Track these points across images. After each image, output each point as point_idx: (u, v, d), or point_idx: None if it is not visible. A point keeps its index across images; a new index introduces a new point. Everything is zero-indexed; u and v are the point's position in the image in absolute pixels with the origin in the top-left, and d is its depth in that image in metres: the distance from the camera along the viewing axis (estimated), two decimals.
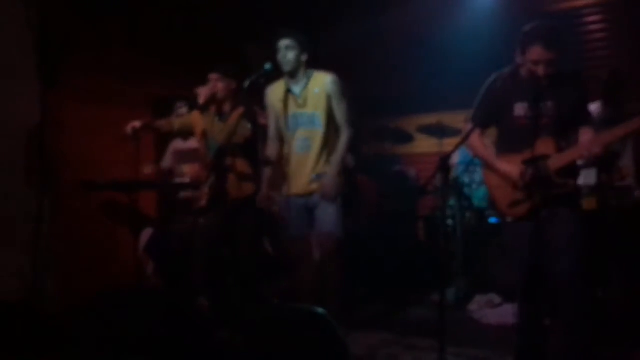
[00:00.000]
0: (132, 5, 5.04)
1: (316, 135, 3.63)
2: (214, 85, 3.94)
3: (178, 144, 5.10)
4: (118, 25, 5.13)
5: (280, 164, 3.84)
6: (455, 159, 5.55)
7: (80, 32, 4.84)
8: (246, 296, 3.94)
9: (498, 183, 3.04)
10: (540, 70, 2.81)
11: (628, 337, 3.45)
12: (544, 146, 2.88)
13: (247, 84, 3.49)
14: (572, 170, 2.86)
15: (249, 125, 3.86)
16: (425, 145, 5.99)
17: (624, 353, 3.33)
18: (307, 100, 3.63)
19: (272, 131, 3.84)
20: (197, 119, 4.11)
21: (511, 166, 2.97)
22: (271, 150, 3.84)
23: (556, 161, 2.84)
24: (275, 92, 3.76)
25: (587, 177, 4.02)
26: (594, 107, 4.04)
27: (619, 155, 4.28)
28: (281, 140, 3.81)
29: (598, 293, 3.85)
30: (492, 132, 3.21)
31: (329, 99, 3.60)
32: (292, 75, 3.62)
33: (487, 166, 3.14)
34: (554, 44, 2.78)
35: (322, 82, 3.60)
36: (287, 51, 3.55)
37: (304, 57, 3.61)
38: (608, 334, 3.48)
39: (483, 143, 3.18)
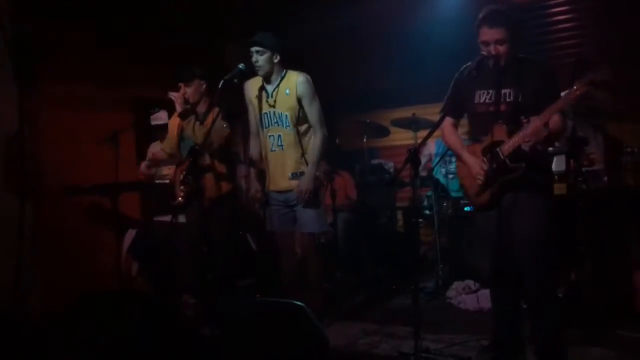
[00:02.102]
0: (111, 8, 5.05)
1: (286, 134, 3.71)
2: (183, 91, 4.01)
3: (156, 148, 5.12)
4: (97, 28, 5.12)
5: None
6: (432, 150, 5.67)
7: (57, 36, 4.85)
8: (226, 292, 4.01)
9: (466, 173, 3.15)
10: (492, 49, 2.89)
11: (600, 318, 3.57)
12: (499, 132, 2.96)
13: (220, 83, 3.56)
14: (523, 155, 2.90)
15: (225, 125, 3.93)
16: (401, 137, 6.09)
17: (595, 333, 3.45)
18: (278, 100, 3.70)
19: (252, 127, 3.91)
20: (172, 123, 4.18)
21: (472, 159, 3.07)
22: (253, 146, 3.92)
23: (507, 146, 2.92)
24: (252, 88, 3.83)
25: (557, 164, 4.13)
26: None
27: (587, 141, 4.40)
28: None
29: (571, 276, 3.97)
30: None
31: (299, 100, 3.67)
32: (266, 77, 3.70)
33: (456, 156, 3.25)
34: (497, 21, 2.87)
35: (293, 83, 3.67)
36: (258, 55, 3.63)
37: (276, 59, 3.67)
38: (580, 314, 3.60)
39: (454, 133, 3.26)
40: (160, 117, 4.73)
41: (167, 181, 4.58)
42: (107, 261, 4.56)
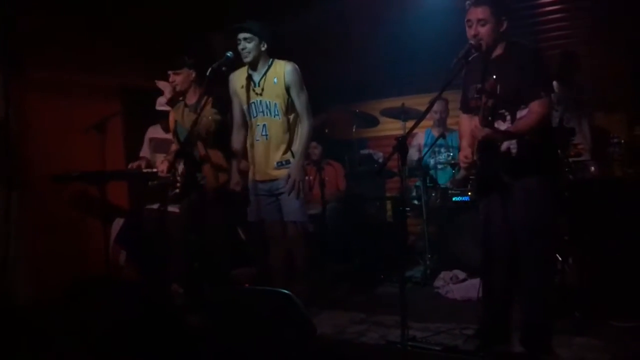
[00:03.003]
0: None
1: (274, 123, 3.70)
2: (172, 79, 4.00)
3: (155, 132, 5.09)
4: (84, 15, 5.07)
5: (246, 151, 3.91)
6: (421, 140, 5.68)
7: (44, 22, 4.79)
8: (216, 281, 4.02)
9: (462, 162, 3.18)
10: (472, 30, 2.89)
11: (585, 307, 3.60)
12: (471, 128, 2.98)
13: (209, 71, 3.54)
14: (489, 151, 2.90)
15: (215, 112, 3.91)
16: (390, 128, 6.10)
17: (581, 322, 3.48)
18: (265, 89, 3.69)
19: (236, 118, 3.90)
20: (171, 117, 4.21)
21: (465, 148, 3.09)
22: (237, 138, 3.90)
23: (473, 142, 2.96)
24: (237, 79, 3.81)
25: None
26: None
27: (575, 132, 4.43)
28: (246, 127, 3.88)
29: (557, 265, 4.01)
30: None
31: (287, 88, 3.66)
32: (253, 65, 3.69)
33: None
34: (481, 0, 2.87)
35: (281, 72, 3.66)
36: (246, 42, 3.62)
37: (264, 47, 3.66)
38: (566, 304, 3.63)
39: (465, 123, 3.23)
40: (163, 103, 4.67)
41: (154, 170, 4.54)
42: (95, 250, 4.54)
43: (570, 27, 5.64)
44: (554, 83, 4.31)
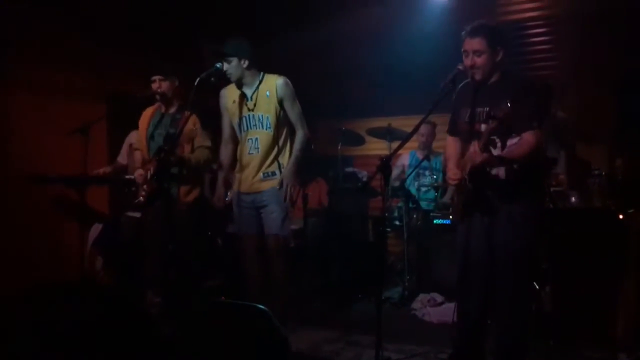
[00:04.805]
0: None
1: (265, 136, 3.70)
2: (158, 85, 4.00)
3: (135, 138, 5.02)
4: (72, 16, 5.05)
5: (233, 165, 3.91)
6: (405, 161, 5.71)
7: (31, 21, 4.77)
8: (191, 292, 3.98)
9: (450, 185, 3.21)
10: (468, 60, 2.93)
11: (558, 335, 3.62)
12: (469, 151, 3.00)
13: (197, 81, 3.53)
14: (481, 176, 2.94)
15: (212, 154, 3.96)
16: (375, 147, 6.13)
17: (553, 349, 3.49)
18: (258, 103, 3.70)
19: (225, 133, 3.90)
20: (142, 119, 4.17)
21: (452, 170, 3.12)
22: (224, 152, 3.90)
23: (466, 167, 2.98)
24: (229, 95, 3.82)
25: None
26: None
27: (557, 161, 4.48)
28: (234, 142, 3.88)
29: (534, 292, 4.02)
30: None
31: (280, 101, 3.68)
32: (239, 82, 3.70)
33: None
34: (478, 32, 2.92)
35: (272, 85, 3.68)
36: (226, 64, 3.64)
37: (244, 64, 3.66)
38: (540, 331, 3.65)
39: (453, 145, 3.28)
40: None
41: (133, 177, 4.50)
42: (71, 253, 4.46)
43: (557, 59, 5.74)
44: None
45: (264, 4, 5.35)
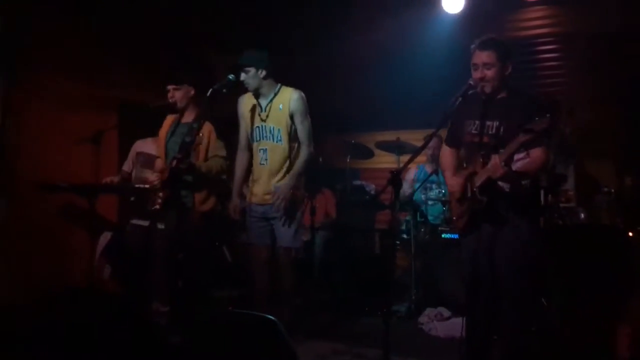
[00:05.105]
0: (101, 7, 5.05)
1: (276, 148, 3.72)
2: (171, 94, 4.04)
3: (144, 147, 4.92)
4: (86, 27, 5.12)
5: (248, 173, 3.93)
6: (414, 175, 5.72)
7: (46, 32, 4.83)
8: (200, 302, 3.99)
9: (450, 195, 3.21)
10: (478, 73, 2.96)
11: (568, 347, 3.60)
12: (478, 164, 3.02)
13: (209, 92, 3.57)
14: (492, 189, 2.95)
15: (227, 162, 3.98)
16: (384, 160, 6.15)
17: None
18: (270, 115, 3.73)
19: (242, 141, 3.92)
20: (163, 126, 4.21)
21: (453, 180, 3.13)
22: (240, 160, 3.92)
23: (477, 178, 2.98)
24: (246, 103, 3.85)
25: None
26: None
27: (566, 177, 4.49)
28: (250, 150, 3.90)
29: (543, 304, 4.01)
30: None
31: (291, 115, 3.70)
32: (257, 92, 3.72)
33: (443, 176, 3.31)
34: (487, 45, 2.95)
35: (287, 99, 3.70)
36: (244, 74, 3.67)
37: (262, 74, 3.69)
38: (548, 350, 3.63)
39: (449, 156, 3.33)
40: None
41: (147, 186, 4.53)
42: (79, 262, 4.50)
43: (566, 76, 5.76)
44: None
45: (276, 19, 5.41)
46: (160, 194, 3.83)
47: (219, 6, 5.25)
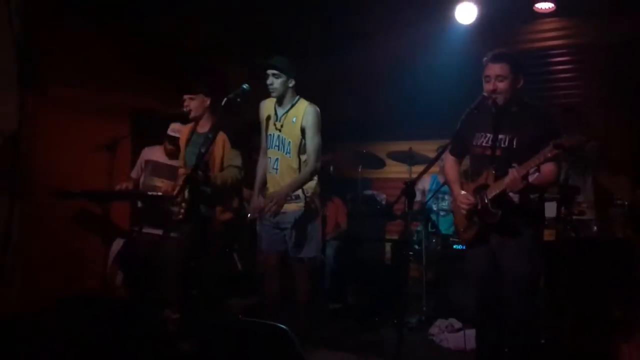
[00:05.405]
0: (116, 17, 5.10)
1: (285, 160, 3.72)
2: (187, 104, 4.06)
3: (152, 155, 5.01)
4: (101, 36, 5.18)
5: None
6: (426, 185, 5.71)
7: (63, 41, 4.89)
8: (211, 310, 3.99)
9: (457, 207, 3.21)
10: (490, 85, 2.96)
11: None
12: (489, 176, 3.02)
13: (224, 101, 3.59)
14: (504, 201, 2.95)
15: (242, 173, 4.00)
16: (395, 170, 6.15)
17: None
18: (284, 126, 3.73)
19: (262, 145, 3.93)
20: (183, 133, 4.25)
21: (461, 194, 3.12)
22: (261, 163, 3.94)
23: (489, 191, 2.98)
24: (266, 108, 3.86)
25: (547, 210, 4.18)
26: None
27: (579, 189, 4.46)
28: None
29: (551, 318, 3.99)
30: None
31: (302, 129, 3.68)
32: (279, 100, 3.74)
33: (449, 189, 3.30)
34: (500, 58, 2.97)
35: (301, 112, 3.69)
36: (274, 78, 3.65)
37: (291, 84, 3.70)
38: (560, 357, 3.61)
39: (454, 167, 3.33)
40: (176, 130, 4.67)
41: (160, 194, 4.56)
42: (92, 268, 4.53)
43: (580, 87, 5.74)
44: None
45: (290, 28, 5.44)
46: (183, 204, 3.86)
47: (235, 15, 5.28)
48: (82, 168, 4.81)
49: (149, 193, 4.70)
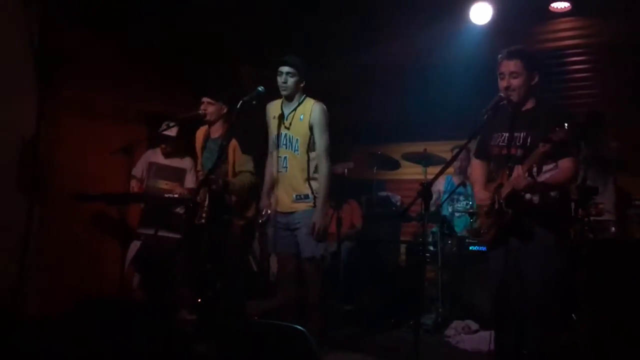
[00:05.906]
0: (133, 22, 5.15)
1: (294, 158, 3.74)
2: (204, 107, 4.10)
3: (155, 157, 5.02)
4: (117, 41, 5.22)
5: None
6: (441, 186, 5.69)
7: (80, 46, 4.94)
8: (228, 311, 4.01)
9: (480, 208, 3.19)
10: (504, 82, 2.95)
11: None
12: (504, 176, 3.00)
13: (239, 104, 3.61)
14: (520, 201, 2.92)
15: (254, 178, 4.03)
16: (410, 172, 6.13)
17: None
18: (292, 124, 3.75)
19: (271, 145, 3.96)
20: (198, 136, 4.28)
21: (482, 193, 3.11)
22: (270, 163, 3.95)
23: (503, 190, 2.96)
24: (272, 110, 3.88)
25: None
26: None
27: (597, 190, 4.41)
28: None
29: (570, 320, 3.95)
30: None
31: (310, 127, 3.70)
32: (288, 98, 3.76)
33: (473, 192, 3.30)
34: (514, 54, 2.95)
35: (308, 110, 3.71)
36: (288, 77, 3.68)
37: (302, 83, 3.74)
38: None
39: (479, 169, 3.31)
40: (170, 130, 4.71)
41: (176, 195, 4.60)
42: (110, 270, 4.56)
43: (596, 87, 5.69)
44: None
45: (304, 29, 5.45)
46: (205, 208, 3.89)
47: (249, 17, 5.31)
48: (99, 171, 4.86)
49: (166, 195, 4.73)
